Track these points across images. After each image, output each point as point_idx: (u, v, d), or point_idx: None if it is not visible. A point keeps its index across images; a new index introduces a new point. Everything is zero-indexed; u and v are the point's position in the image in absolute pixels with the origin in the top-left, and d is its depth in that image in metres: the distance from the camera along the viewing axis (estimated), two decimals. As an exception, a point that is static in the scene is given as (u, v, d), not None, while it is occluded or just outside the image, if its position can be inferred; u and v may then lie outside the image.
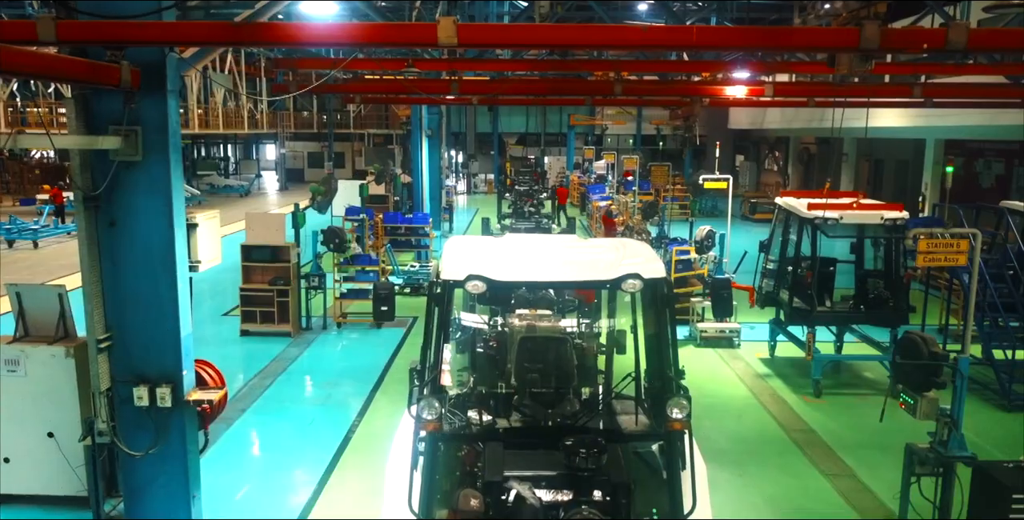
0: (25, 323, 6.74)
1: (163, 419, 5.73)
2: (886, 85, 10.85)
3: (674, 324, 4.58)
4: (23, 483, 6.68)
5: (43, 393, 6.55)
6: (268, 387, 9.79)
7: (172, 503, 5.92)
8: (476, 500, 3.71)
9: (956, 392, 5.48)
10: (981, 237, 5.75)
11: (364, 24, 6.93)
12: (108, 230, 5.58)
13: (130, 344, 5.68)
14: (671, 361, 4.35)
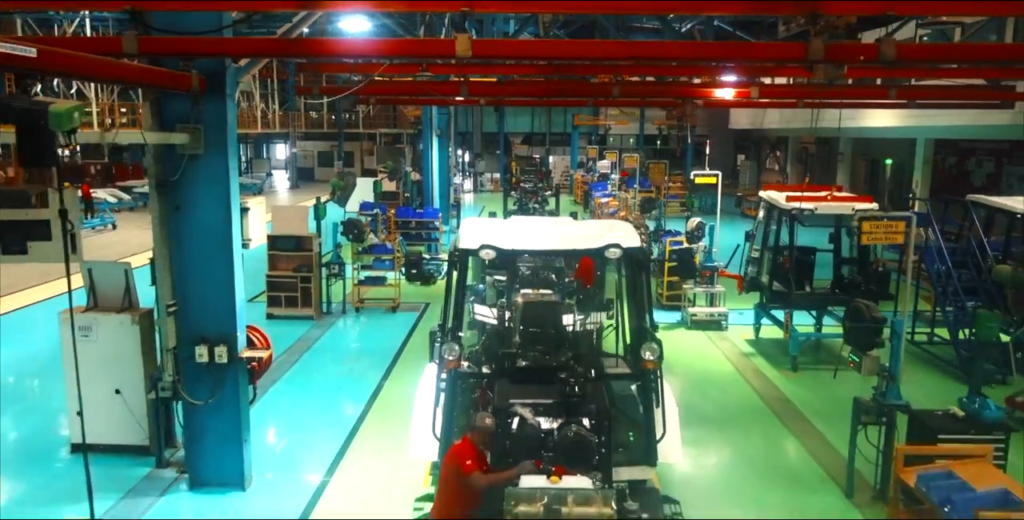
0: (95, 295, 7.77)
1: (220, 373, 6.74)
2: (861, 87, 11.76)
3: (649, 287, 5.57)
4: (94, 434, 7.64)
5: (111, 355, 7.57)
6: (296, 362, 10.80)
7: (226, 447, 6.94)
8: (490, 419, 4.71)
9: (893, 350, 6.44)
10: (915, 220, 6.72)
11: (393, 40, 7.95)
12: (174, 213, 6.60)
13: (193, 309, 6.71)
14: (647, 315, 5.33)
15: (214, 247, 6.65)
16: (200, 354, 6.66)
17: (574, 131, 41.01)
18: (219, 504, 6.78)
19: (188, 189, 6.53)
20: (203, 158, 6.47)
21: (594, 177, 32.18)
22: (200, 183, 6.53)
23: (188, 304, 6.68)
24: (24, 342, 11.73)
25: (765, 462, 7.83)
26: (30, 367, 10.46)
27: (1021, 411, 8.64)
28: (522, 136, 44.76)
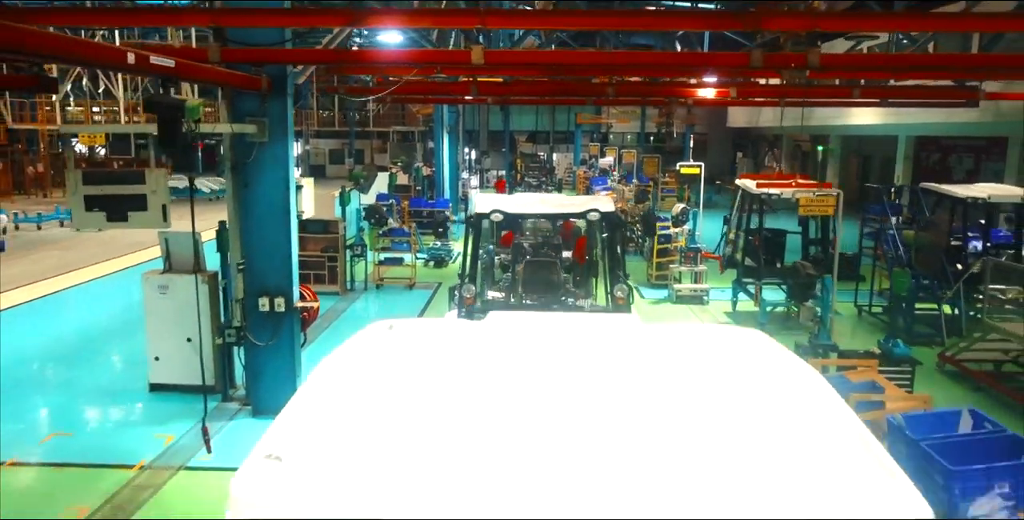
0: (170, 260, 9.36)
1: (278, 320, 8.31)
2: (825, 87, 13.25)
3: (624, 243, 7.11)
4: (168, 375, 9.28)
5: (184, 309, 9.12)
6: (326, 328, 12.37)
7: (283, 381, 8.51)
8: None
9: (824, 302, 7.97)
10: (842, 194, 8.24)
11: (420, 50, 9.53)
12: (244, 190, 8.17)
13: (257, 267, 8.28)
14: (621, 266, 6.87)
15: (274, 217, 8.21)
16: (263, 304, 8.24)
17: (577, 129, 42.52)
18: (277, 427, 8.34)
19: (255, 170, 8.10)
20: (267, 145, 8.03)
21: (595, 173, 33.76)
22: (264, 165, 8.09)
23: (253, 263, 8.26)
24: (114, 301, 14.16)
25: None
26: (117, 322, 12.35)
27: (951, 364, 10.16)
28: (527, 134, 46.31)
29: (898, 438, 4.63)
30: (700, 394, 2.08)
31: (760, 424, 1.86)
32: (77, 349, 11.27)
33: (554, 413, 1.92)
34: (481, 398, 2.02)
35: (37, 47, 4.05)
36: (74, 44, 4.62)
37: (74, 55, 4.42)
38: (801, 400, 2.03)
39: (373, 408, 1.97)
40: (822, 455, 1.68)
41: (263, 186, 8.13)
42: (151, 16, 7.39)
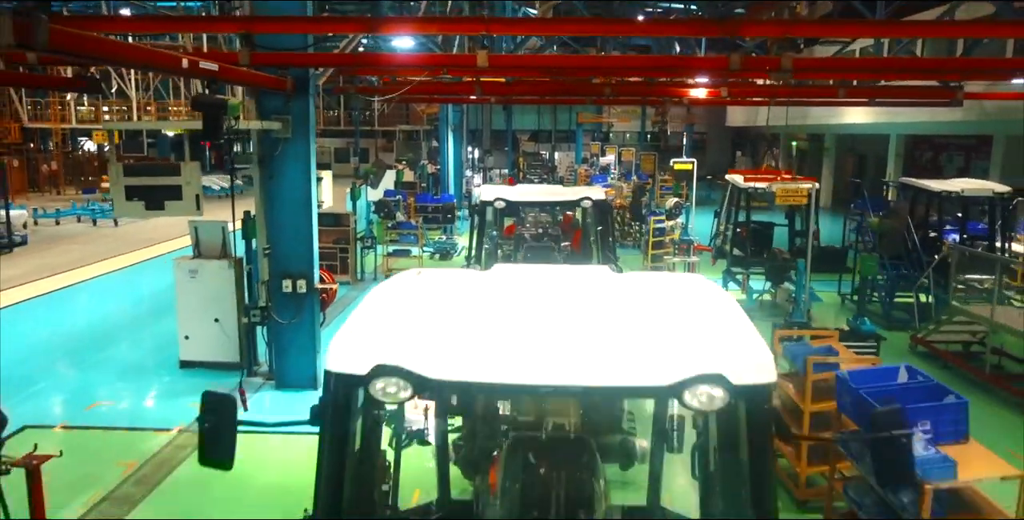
0: (199, 247, 10.15)
1: (300, 300, 9.09)
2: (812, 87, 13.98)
3: (613, 225, 7.87)
4: (197, 353, 10.07)
5: (212, 292, 9.92)
6: (340, 314, 13.13)
7: (304, 357, 9.30)
8: None
9: (797, 283, 8.74)
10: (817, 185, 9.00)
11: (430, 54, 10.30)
12: (269, 181, 8.95)
13: (281, 252, 9.07)
14: (611, 249, 7.64)
15: (297, 206, 9.00)
16: (286, 285, 9.02)
17: (578, 128, 43.30)
18: (300, 398, 9.13)
19: (279, 163, 8.88)
20: (291, 141, 8.81)
21: (596, 171, 34.53)
22: (288, 159, 8.88)
23: (277, 248, 9.05)
24: (140, 288, 15.29)
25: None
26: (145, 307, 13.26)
27: (922, 346, 10.92)
28: (529, 133, 47.13)
29: (844, 388, 5.41)
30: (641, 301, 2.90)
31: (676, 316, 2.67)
32: (110, 331, 12.12)
33: (539, 309, 2.76)
34: (491, 302, 2.84)
35: (112, 53, 4.84)
36: (143, 52, 5.41)
37: (141, 61, 5.20)
38: (711, 306, 2.82)
39: (416, 306, 2.78)
40: (714, 335, 2.48)
41: (287, 178, 8.91)
42: (191, 24, 8.17)
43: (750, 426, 2.40)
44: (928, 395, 5.14)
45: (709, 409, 2.18)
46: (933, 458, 4.54)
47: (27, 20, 3.79)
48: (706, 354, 2.25)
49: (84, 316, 13.18)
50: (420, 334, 2.48)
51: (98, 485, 6.84)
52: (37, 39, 3.90)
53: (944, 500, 4.69)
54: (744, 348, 2.37)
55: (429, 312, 2.77)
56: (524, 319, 2.70)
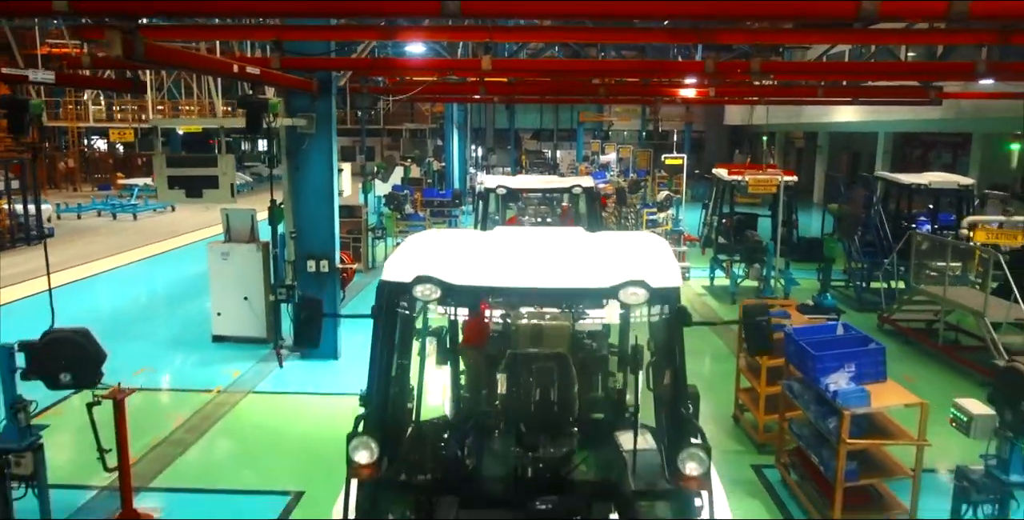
0: (230, 232, 11.22)
1: (322, 279, 10.15)
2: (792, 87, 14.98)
3: (600, 209, 8.91)
4: (228, 328, 11.13)
5: (241, 272, 10.98)
6: (355, 297, 14.19)
7: (326, 331, 10.31)
8: None
9: (767, 263, 9.77)
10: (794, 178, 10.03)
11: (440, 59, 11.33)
12: (296, 172, 10.01)
13: (306, 235, 10.13)
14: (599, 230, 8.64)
15: (320, 195, 10.06)
16: (310, 265, 10.09)
17: (579, 127, 44.36)
18: (321, 368, 10.19)
19: (305, 156, 9.95)
20: (314, 136, 9.88)
21: (596, 168, 35.60)
22: (312, 152, 9.94)
23: (303, 232, 10.11)
24: (169, 274, 16.44)
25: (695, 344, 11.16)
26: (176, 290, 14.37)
27: (888, 324, 11.94)
28: (531, 132, 48.17)
29: (789, 341, 6.46)
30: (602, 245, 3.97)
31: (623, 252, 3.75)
32: (146, 311, 13.25)
33: (526, 249, 3.91)
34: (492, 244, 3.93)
35: (187, 62, 5.90)
36: (207, 60, 6.46)
37: (206, 67, 6.25)
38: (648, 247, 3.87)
39: (438, 246, 3.86)
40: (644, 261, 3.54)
41: (311, 169, 9.98)
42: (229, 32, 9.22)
43: (671, 326, 3.47)
44: (856, 344, 6.18)
45: (636, 303, 3.22)
46: (852, 390, 5.59)
47: (130, 36, 4.86)
48: (635, 269, 3.29)
49: (120, 299, 14.30)
50: (443, 260, 3.54)
51: (154, 432, 7.91)
52: (136, 52, 4.97)
53: (862, 424, 5.73)
54: (661, 267, 3.42)
55: (448, 249, 3.84)
56: (515, 252, 3.79)
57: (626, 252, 3.76)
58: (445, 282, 3.31)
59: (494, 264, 3.58)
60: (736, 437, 8.01)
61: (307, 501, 6.55)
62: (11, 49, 7.78)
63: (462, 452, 4.09)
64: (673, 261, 3.60)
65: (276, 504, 6.49)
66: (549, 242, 4.12)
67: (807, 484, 6.37)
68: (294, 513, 6.37)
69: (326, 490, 6.53)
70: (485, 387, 4.92)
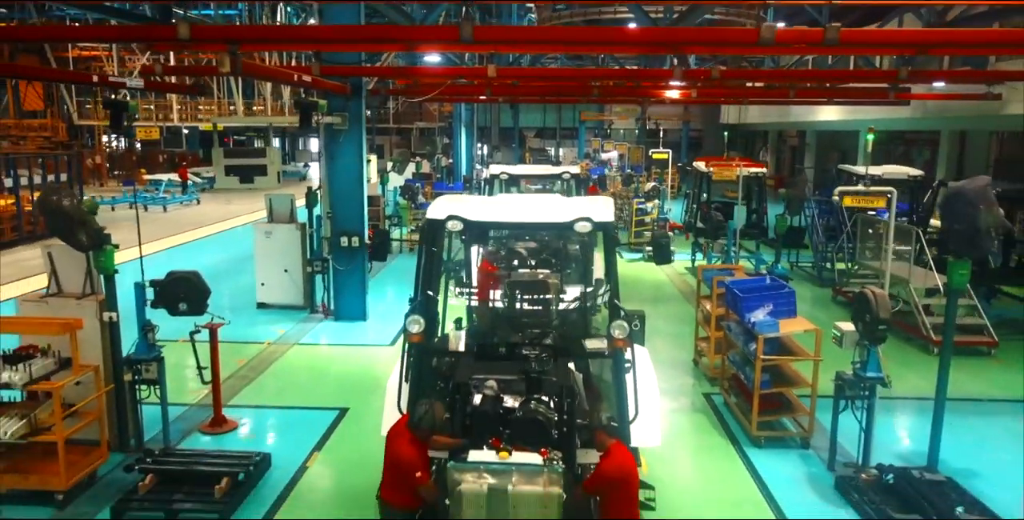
0: (272, 213, 13.10)
1: (353, 252, 12.02)
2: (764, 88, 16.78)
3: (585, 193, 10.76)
4: (270, 296, 13.01)
5: (282, 248, 12.83)
6: (375, 276, 16.07)
7: (355, 296, 12.22)
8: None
9: (728, 239, 11.59)
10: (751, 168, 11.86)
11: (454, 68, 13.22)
12: (331, 162, 11.88)
13: (339, 215, 11.98)
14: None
15: (351, 182, 11.92)
16: (343, 241, 11.95)
17: (580, 126, 46.23)
18: (353, 327, 12.05)
19: (339, 148, 11.81)
20: (347, 132, 11.74)
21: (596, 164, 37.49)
22: (345, 145, 11.79)
23: (337, 212, 11.97)
24: (235, 245, 18.25)
25: (672, 315, 13.02)
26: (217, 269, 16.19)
27: (840, 295, 13.75)
28: (535, 130, 50.05)
29: (728, 290, 8.30)
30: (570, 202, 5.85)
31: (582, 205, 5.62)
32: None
33: (518, 203, 5.77)
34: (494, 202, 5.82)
35: (265, 73, 7.76)
36: (278, 71, 8.31)
37: (276, 76, 8.08)
38: (600, 203, 5.73)
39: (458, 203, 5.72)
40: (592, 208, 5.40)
41: (344, 160, 11.84)
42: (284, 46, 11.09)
43: (606, 240, 5.35)
44: (775, 290, 8.04)
45: (585, 231, 5.06)
46: (766, 321, 7.43)
47: (236, 57, 6.74)
48: (585, 212, 5.14)
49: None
50: (464, 208, 5.37)
51: (223, 371, 9.77)
52: (236, 68, 6.84)
53: (775, 346, 7.58)
54: (602, 211, 5.25)
55: (467, 204, 5.69)
56: (510, 206, 5.67)
57: (583, 205, 5.62)
58: (466, 218, 5.16)
59: (495, 210, 5.46)
60: (694, 375, 9.86)
61: (351, 414, 8.43)
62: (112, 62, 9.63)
63: (475, 336, 6.12)
64: (611, 209, 5.45)
65: (329, 416, 8.36)
66: (534, 201, 6.00)
67: (740, 400, 8.22)
68: (344, 421, 8.24)
69: (364, 407, 8.47)
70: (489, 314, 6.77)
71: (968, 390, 9.31)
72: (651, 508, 6.20)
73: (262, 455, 6.89)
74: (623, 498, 4.30)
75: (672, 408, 8.60)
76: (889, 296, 6.90)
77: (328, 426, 8.10)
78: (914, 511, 5.98)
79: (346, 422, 8.26)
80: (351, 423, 8.22)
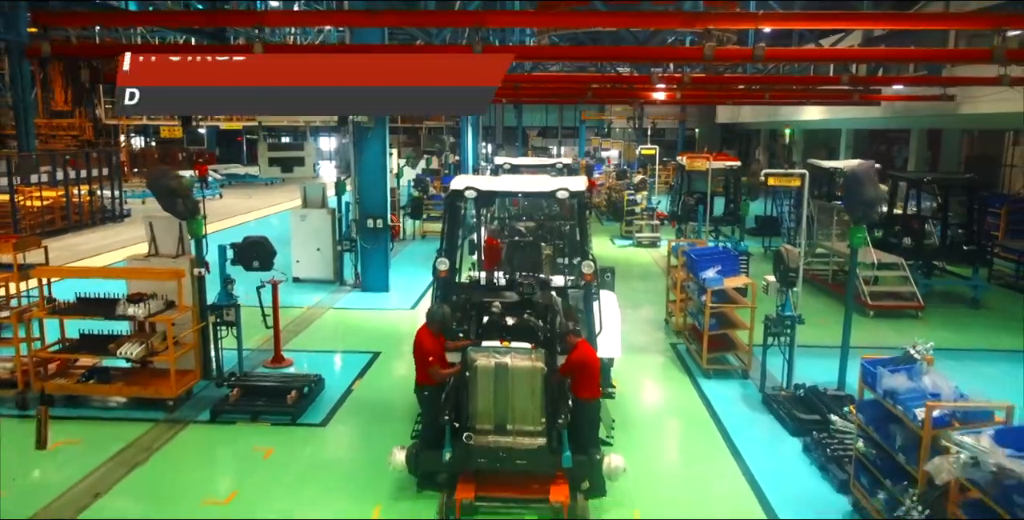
0: (306, 200, 15.11)
1: (378, 233, 14.02)
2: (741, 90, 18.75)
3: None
4: (305, 272, 15.01)
5: (315, 230, 14.83)
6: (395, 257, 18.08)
7: (379, 270, 14.22)
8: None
9: (699, 219, 13.56)
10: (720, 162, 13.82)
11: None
12: (360, 155, 13.88)
13: (366, 200, 13.98)
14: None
15: (376, 172, 13.91)
16: (370, 223, 13.95)
17: (581, 125, 48.21)
18: (377, 296, 14.03)
19: (365, 144, 13.80)
20: (373, 129, 13.73)
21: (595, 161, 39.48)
22: (371, 141, 13.79)
23: (364, 198, 13.97)
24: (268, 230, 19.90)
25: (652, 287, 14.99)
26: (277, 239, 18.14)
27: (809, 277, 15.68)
28: (537, 130, 52.07)
29: (687, 256, 10.29)
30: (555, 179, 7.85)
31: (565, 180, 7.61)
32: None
33: (519, 179, 7.79)
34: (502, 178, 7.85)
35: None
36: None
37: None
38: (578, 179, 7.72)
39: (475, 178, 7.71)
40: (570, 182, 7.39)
41: (370, 152, 13.83)
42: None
43: (578, 206, 7.33)
44: (725, 255, 10.02)
45: (564, 198, 7.02)
46: (714, 278, 9.40)
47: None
48: (565, 184, 7.12)
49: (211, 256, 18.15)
50: (477, 182, 7.34)
51: (274, 326, 11.79)
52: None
53: (722, 297, 9.55)
54: (577, 183, 7.22)
55: (479, 180, 7.67)
56: (512, 181, 7.66)
57: (564, 181, 7.60)
58: (479, 188, 7.13)
59: (499, 183, 7.44)
60: (665, 331, 11.83)
61: (383, 356, 10.42)
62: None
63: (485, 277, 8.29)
64: (584, 184, 7.41)
65: (365, 357, 10.35)
66: (529, 178, 7.98)
67: (696, 345, 10.19)
68: (377, 360, 10.23)
69: (393, 352, 10.45)
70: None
71: (891, 342, 11.24)
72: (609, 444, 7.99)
73: (319, 377, 8.89)
74: (587, 377, 6.23)
75: (644, 353, 10.58)
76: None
77: (365, 364, 10.11)
78: (815, 413, 7.94)
79: (379, 361, 10.26)
80: (384, 362, 10.22)
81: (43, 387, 8.22)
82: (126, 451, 7.33)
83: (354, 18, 10.73)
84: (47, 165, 21.95)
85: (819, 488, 6.76)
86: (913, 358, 5.71)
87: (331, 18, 13.06)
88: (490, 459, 6.03)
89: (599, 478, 6.18)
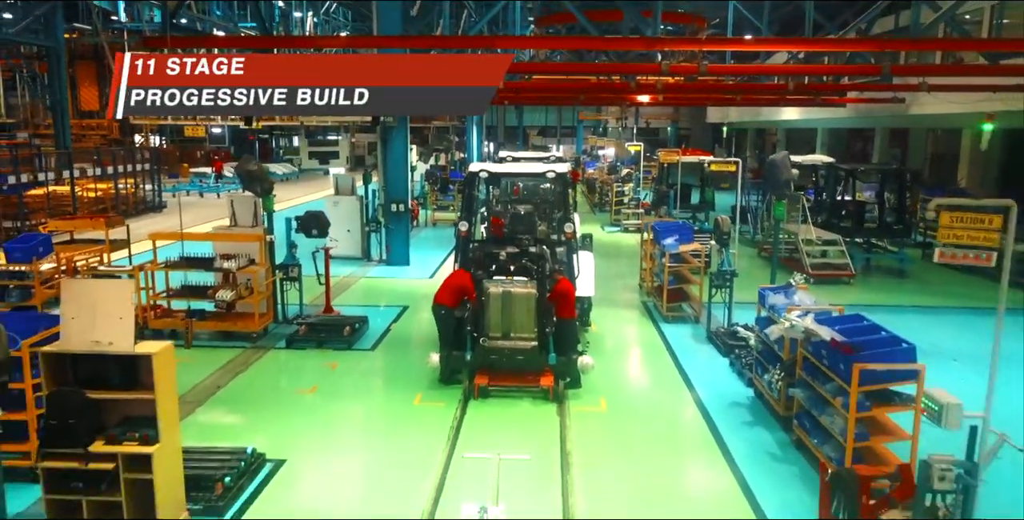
0: (338, 188, 17.72)
1: (400, 216, 16.62)
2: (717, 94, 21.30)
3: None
4: (336, 251, 17.38)
5: (346, 214, 17.42)
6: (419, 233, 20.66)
7: (402, 247, 16.83)
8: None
9: (669, 204, 16.16)
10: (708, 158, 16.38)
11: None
12: (386, 149, 16.49)
13: (391, 188, 16.57)
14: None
15: (399, 164, 16.51)
16: (394, 207, 16.55)
17: (579, 125, 50.85)
18: (401, 269, 16.63)
19: (390, 141, 16.40)
20: (396, 128, 16.33)
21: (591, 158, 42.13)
22: (394, 138, 16.39)
23: (388, 185, 16.57)
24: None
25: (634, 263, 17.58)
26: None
27: (762, 251, 18.28)
28: (537, 129, 54.71)
29: (653, 229, 12.90)
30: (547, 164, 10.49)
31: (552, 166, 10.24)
32: (270, 246, 19.73)
33: (519, 164, 10.46)
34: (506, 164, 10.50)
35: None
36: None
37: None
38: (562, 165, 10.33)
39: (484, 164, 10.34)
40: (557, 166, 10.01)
41: (394, 147, 16.43)
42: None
43: (563, 184, 9.93)
44: (682, 227, 12.64)
45: (552, 178, 9.57)
46: (672, 244, 12.00)
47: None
48: (554, 168, 9.69)
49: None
50: (488, 166, 9.93)
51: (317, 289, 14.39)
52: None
53: (678, 259, 12.15)
54: (562, 167, 9.80)
55: (487, 165, 10.29)
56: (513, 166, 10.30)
57: (552, 165, 10.19)
58: (489, 170, 9.72)
59: (504, 167, 10.07)
60: (638, 292, 14.44)
61: (410, 309, 13.04)
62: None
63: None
64: (567, 168, 10.02)
65: (396, 310, 12.97)
66: (528, 164, 10.60)
67: (659, 300, 12.79)
68: (407, 311, 12.84)
69: (419, 306, 13.05)
70: None
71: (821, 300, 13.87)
72: (582, 353, 10.74)
73: (365, 317, 11.51)
74: (566, 303, 8.82)
75: (619, 308, 13.17)
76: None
77: (397, 313, 12.73)
78: (741, 341, 10.54)
79: (408, 312, 12.89)
80: (411, 312, 12.84)
81: (188, 306, 10.92)
82: (229, 365, 9.94)
83: (389, 41, 13.20)
84: (84, 162, 24.49)
85: (735, 385, 9.38)
86: (791, 285, 8.31)
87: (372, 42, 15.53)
88: (499, 356, 8.65)
89: (575, 373, 8.78)
